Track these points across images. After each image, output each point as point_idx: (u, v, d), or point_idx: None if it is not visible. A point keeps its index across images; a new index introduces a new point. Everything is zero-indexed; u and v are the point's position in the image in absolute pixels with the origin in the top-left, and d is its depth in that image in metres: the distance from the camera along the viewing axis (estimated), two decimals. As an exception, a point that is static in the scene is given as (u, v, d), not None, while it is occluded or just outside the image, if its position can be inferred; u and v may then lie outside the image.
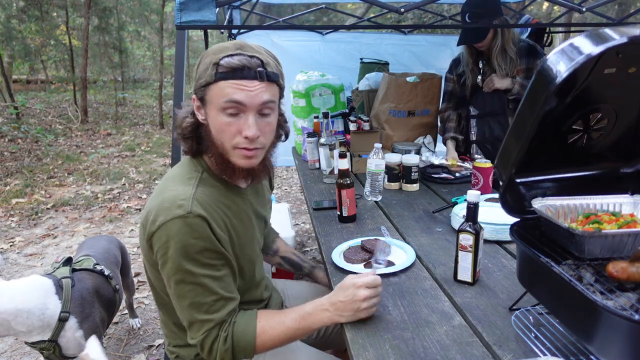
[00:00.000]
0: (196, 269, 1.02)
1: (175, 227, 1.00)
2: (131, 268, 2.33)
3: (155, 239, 1.02)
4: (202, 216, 1.02)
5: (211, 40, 2.86)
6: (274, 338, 1.08)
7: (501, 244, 1.48)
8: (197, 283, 1.03)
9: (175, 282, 1.03)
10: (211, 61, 1.04)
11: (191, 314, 1.05)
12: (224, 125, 1.06)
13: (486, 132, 2.41)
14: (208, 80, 1.05)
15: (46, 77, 12.59)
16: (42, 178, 5.44)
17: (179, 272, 1.01)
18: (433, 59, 4.05)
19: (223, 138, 1.08)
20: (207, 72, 1.05)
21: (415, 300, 1.16)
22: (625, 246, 0.87)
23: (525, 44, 2.30)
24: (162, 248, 1.01)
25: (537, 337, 0.96)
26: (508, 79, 2.28)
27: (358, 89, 2.90)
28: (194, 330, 1.06)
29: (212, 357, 1.06)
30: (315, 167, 2.55)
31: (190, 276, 1.02)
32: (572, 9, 2.13)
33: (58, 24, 10.45)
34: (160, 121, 8.94)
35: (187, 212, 1.01)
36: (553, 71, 0.76)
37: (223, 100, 1.04)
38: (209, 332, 1.05)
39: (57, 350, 1.61)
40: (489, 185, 1.92)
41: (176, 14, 1.75)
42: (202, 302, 1.04)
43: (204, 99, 1.08)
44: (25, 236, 3.85)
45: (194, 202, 1.03)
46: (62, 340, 1.61)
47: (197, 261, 1.02)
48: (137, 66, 13.44)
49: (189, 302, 1.04)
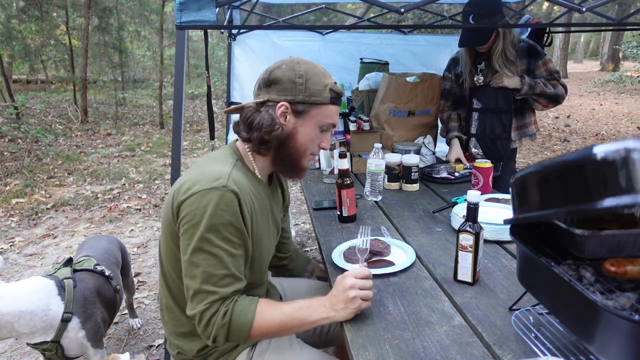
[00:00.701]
0: (216, 240, 1.07)
1: (209, 196, 1.06)
2: (131, 268, 2.33)
3: (185, 206, 1.08)
4: (235, 192, 1.09)
5: (211, 40, 2.86)
6: (269, 325, 1.10)
7: (501, 244, 1.48)
8: (213, 253, 1.07)
9: (192, 250, 1.07)
10: (327, 84, 1.21)
11: (199, 283, 1.07)
12: (315, 138, 1.25)
13: (487, 128, 2.40)
14: (323, 101, 1.20)
15: (46, 77, 12.59)
16: (42, 178, 5.44)
17: (200, 240, 1.06)
18: (433, 59, 4.04)
19: (308, 146, 1.24)
20: (323, 94, 1.20)
21: (415, 300, 1.16)
22: (625, 246, 0.87)
23: (526, 45, 2.30)
24: (189, 214, 1.07)
25: (537, 337, 0.96)
26: (517, 78, 2.28)
27: (358, 89, 2.90)
28: (196, 301, 1.08)
29: (208, 332, 1.08)
30: (315, 167, 2.55)
31: (209, 245, 1.07)
32: (572, 9, 2.13)
33: (58, 24, 10.45)
34: (160, 121, 8.93)
35: (223, 185, 1.08)
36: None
37: (327, 122, 1.23)
38: (211, 304, 1.07)
39: (60, 351, 1.61)
40: (489, 185, 1.93)
41: (176, 14, 1.75)
42: (213, 274, 1.07)
43: (303, 112, 1.20)
44: (25, 236, 3.85)
45: (230, 179, 1.11)
46: (65, 341, 1.61)
47: (220, 233, 1.07)
48: (137, 66, 13.43)
49: (201, 270, 1.07)
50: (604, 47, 22.70)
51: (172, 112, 1.98)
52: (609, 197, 0.67)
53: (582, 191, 0.72)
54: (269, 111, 1.19)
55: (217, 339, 1.08)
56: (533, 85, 2.26)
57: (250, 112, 1.20)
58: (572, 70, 21.37)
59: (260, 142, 1.20)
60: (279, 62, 1.23)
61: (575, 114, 10.29)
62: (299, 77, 1.18)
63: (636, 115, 9.76)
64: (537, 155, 6.64)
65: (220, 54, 12.09)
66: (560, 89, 2.27)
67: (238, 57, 4.07)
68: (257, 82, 1.26)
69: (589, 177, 0.70)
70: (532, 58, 2.29)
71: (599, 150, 0.68)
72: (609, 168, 0.67)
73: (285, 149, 1.23)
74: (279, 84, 1.19)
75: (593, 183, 0.69)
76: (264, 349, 1.29)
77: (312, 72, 1.20)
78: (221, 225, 1.07)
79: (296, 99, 1.18)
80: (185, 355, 1.27)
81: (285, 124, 1.20)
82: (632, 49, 14.86)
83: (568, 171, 0.76)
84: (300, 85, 1.18)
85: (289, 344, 1.33)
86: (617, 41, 19.38)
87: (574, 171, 0.74)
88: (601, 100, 12.33)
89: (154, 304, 2.81)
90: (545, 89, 2.25)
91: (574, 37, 26.19)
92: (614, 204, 0.66)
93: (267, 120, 1.18)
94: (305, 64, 1.21)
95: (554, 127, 8.76)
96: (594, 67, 23.45)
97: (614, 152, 0.67)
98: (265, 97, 1.20)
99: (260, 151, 1.23)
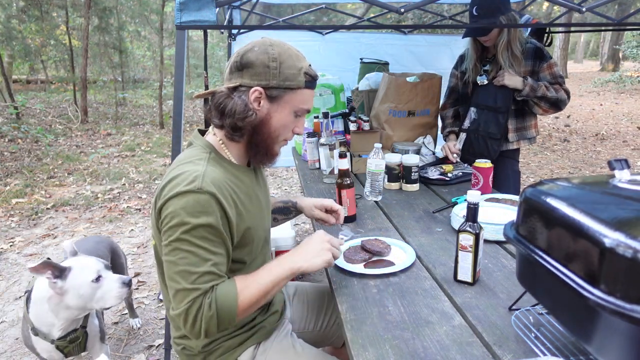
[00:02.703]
0: (194, 240, 1.05)
1: (184, 199, 1.05)
2: (126, 268, 2.33)
3: (164, 209, 1.07)
4: (212, 193, 1.07)
5: (211, 40, 2.86)
6: (252, 299, 1.09)
7: (501, 244, 1.48)
8: (192, 252, 1.05)
9: (171, 249, 1.06)
10: (301, 68, 1.16)
11: (179, 282, 1.05)
12: (289, 123, 1.21)
13: (481, 125, 2.37)
14: (298, 85, 1.16)
15: (46, 77, 12.59)
16: (42, 178, 5.44)
17: (178, 240, 1.05)
18: (433, 59, 4.04)
19: (282, 132, 1.21)
20: (298, 78, 1.16)
21: (415, 300, 1.16)
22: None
23: (532, 46, 2.25)
24: (168, 217, 1.06)
25: (537, 337, 0.96)
26: (519, 78, 2.21)
27: (358, 89, 2.90)
28: (177, 300, 1.05)
29: (197, 329, 1.05)
30: (315, 167, 2.55)
31: (187, 244, 1.05)
32: (572, 9, 2.13)
33: (58, 24, 10.45)
34: (160, 121, 8.93)
35: (198, 188, 1.06)
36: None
37: (301, 107, 1.20)
38: (193, 300, 1.04)
39: (84, 340, 1.65)
40: (489, 185, 1.93)
41: (176, 14, 1.75)
42: (192, 272, 1.05)
43: (278, 97, 1.16)
44: (25, 236, 3.85)
45: (204, 180, 1.08)
46: (90, 328, 1.66)
47: (197, 232, 1.05)
48: (137, 66, 13.42)
49: (179, 269, 1.05)
50: (603, 47, 22.71)
51: (172, 112, 1.98)
52: (611, 296, 0.67)
53: (589, 269, 0.72)
54: (242, 96, 1.15)
55: (208, 331, 1.06)
56: (535, 88, 2.20)
57: (222, 98, 1.16)
58: (572, 70, 21.38)
59: (234, 129, 1.17)
60: (250, 43, 1.17)
61: (575, 113, 10.30)
62: (272, 60, 1.13)
63: (636, 115, 9.76)
64: (536, 155, 6.64)
65: (221, 54, 12.07)
66: (562, 94, 2.22)
67: (238, 57, 4.05)
68: (228, 65, 1.21)
69: (603, 265, 0.69)
70: (538, 60, 2.24)
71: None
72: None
73: (258, 135, 1.19)
74: (251, 68, 1.14)
75: (605, 273, 0.69)
76: (267, 347, 1.30)
77: (286, 55, 1.15)
78: (199, 226, 1.05)
79: (270, 83, 1.14)
80: (190, 351, 1.27)
81: (259, 110, 1.16)
82: (632, 49, 14.87)
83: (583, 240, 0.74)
84: (274, 69, 1.13)
85: (292, 344, 1.33)
86: (617, 41, 19.38)
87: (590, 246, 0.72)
88: (601, 100, 12.34)
89: (154, 304, 2.81)
90: (547, 93, 2.20)
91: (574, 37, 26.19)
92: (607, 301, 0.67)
93: (240, 107, 1.14)
94: (278, 46, 1.15)
95: (554, 127, 8.77)
96: (594, 67, 23.45)
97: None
98: (238, 82, 1.15)
99: (234, 138, 1.19)
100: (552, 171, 5.85)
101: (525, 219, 0.91)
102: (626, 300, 0.65)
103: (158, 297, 2.86)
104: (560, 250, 0.79)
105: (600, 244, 0.68)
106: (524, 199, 0.91)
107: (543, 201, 0.86)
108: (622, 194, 0.80)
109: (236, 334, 1.27)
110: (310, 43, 4.02)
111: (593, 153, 6.77)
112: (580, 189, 0.88)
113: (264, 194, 1.36)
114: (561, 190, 0.87)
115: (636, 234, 0.65)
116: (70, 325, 1.59)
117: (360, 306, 1.14)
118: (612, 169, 0.86)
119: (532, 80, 2.21)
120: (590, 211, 0.75)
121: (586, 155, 6.64)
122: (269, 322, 1.34)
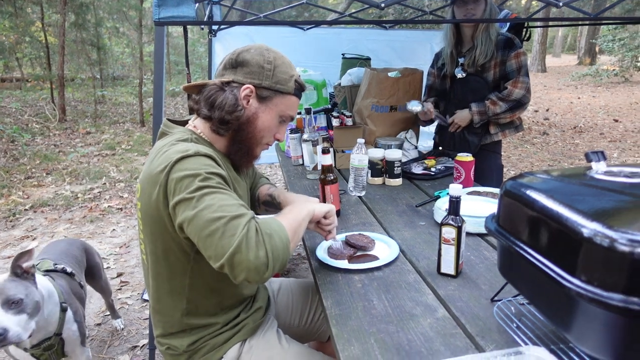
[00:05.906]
0: (214, 184, 1.05)
1: (187, 161, 1.05)
2: (102, 269, 2.30)
3: (170, 179, 1.04)
4: (209, 155, 1.09)
5: (191, 36, 2.83)
6: (289, 222, 1.11)
7: (483, 236, 1.50)
8: (218, 191, 1.04)
9: (196, 199, 1.01)
10: (293, 75, 1.22)
11: (221, 217, 0.99)
12: (273, 127, 1.25)
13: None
14: (288, 91, 1.22)
15: (21, 75, 12.24)
16: (19, 178, 5.32)
17: (198, 189, 1.02)
18: (414, 54, 4.07)
19: (264, 134, 1.24)
20: (288, 84, 1.22)
21: (399, 293, 1.17)
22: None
23: (503, 37, 2.32)
24: (179, 181, 1.03)
25: (519, 327, 0.97)
26: (465, 111, 2.36)
27: (340, 85, 2.90)
28: (229, 234, 0.97)
29: (261, 252, 0.98)
30: (299, 163, 2.54)
31: (209, 189, 1.03)
32: (549, 3, 2.16)
33: (33, 21, 10.17)
34: (141, 119, 8.79)
35: (195, 151, 1.07)
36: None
37: (287, 113, 1.25)
38: (248, 223, 0.99)
39: (60, 347, 1.61)
40: (470, 178, 1.95)
41: (154, 10, 1.72)
42: (230, 204, 1.02)
43: (267, 98, 1.20)
44: (3, 238, 3.76)
45: (198, 147, 1.10)
46: (65, 334, 1.62)
47: (214, 180, 1.05)
48: (116, 63, 13.17)
49: (215, 207, 1.00)
50: (581, 41, 23.13)
51: (152, 110, 1.96)
52: (589, 285, 0.68)
53: (567, 259, 0.72)
54: (233, 92, 1.18)
55: (273, 254, 0.99)
56: (483, 111, 2.31)
57: (213, 90, 1.19)
58: (550, 64, 21.72)
59: (221, 122, 1.18)
60: (247, 45, 1.23)
61: (554, 107, 10.48)
62: (267, 62, 1.19)
63: (612, 108, 9.98)
64: (517, 148, 6.74)
65: (201, 50, 11.94)
66: (517, 92, 2.24)
67: (219, 53, 4.03)
68: (222, 61, 1.24)
69: (581, 255, 0.70)
70: (507, 50, 2.29)
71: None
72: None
73: (243, 133, 1.22)
74: (246, 67, 1.18)
75: (583, 262, 0.70)
76: (253, 344, 1.30)
77: (281, 61, 1.22)
78: (213, 174, 1.05)
79: (262, 83, 1.19)
80: (174, 351, 1.26)
81: (248, 107, 1.19)
82: (608, 43, 15.19)
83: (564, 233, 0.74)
84: (268, 71, 1.19)
85: (277, 340, 1.33)
86: (593, 35, 19.77)
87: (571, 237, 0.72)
88: (579, 94, 12.58)
89: (137, 304, 2.78)
90: (497, 109, 2.28)
91: (552, 31, 26.60)
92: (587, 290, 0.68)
93: (231, 100, 1.17)
94: (274, 52, 1.22)
95: (533, 120, 8.91)
96: (572, 61, 23.87)
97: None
98: (231, 78, 1.19)
99: (219, 131, 1.21)
100: (532, 164, 5.95)
101: (506, 212, 0.93)
102: (603, 288, 0.66)
103: (142, 297, 2.83)
104: (540, 242, 0.81)
105: (579, 234, 0.70)
106: (504, 191, 0.93)
107: (523, 193, 0.87)
108: (599, 185, 0.82)
109: (221, 331, 1.27)
110: (291, 39, 4.01)
111: (571, 145, 6.91)
112: (559, 181, 0.89)
113: (244, 190, 1.36)
114: (540, 183, 0.89)
115: (612, 223, 0.67)
116: (39, 335, 1.53)
117: (345, 301, 1.15)
118: (589, 161, 0.88)
119: (476, 105, 2.33)
120: (569, 202, 0.76)
121: (565, 148, 6.77)
122: (254, 319, 1.33)
